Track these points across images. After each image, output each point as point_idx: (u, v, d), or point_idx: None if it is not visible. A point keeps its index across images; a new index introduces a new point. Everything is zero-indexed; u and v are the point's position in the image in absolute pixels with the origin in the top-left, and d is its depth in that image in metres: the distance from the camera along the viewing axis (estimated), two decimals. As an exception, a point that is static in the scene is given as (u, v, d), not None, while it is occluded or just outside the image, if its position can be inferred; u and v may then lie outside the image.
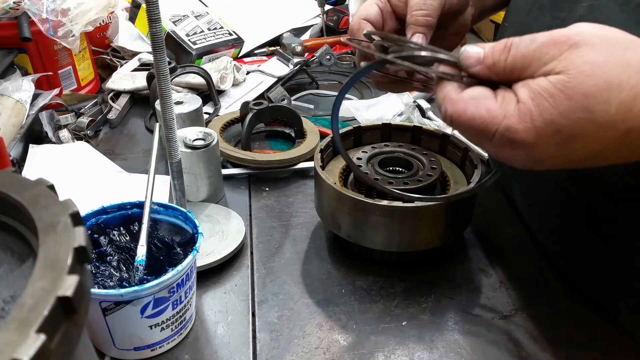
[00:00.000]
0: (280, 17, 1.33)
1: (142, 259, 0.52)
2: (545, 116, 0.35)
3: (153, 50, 0.54)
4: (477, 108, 0.38)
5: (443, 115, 0.40)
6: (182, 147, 0.69)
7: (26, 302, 0.21)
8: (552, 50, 0.36)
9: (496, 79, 0.39)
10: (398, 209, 0.55)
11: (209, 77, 0.97)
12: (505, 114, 0.37)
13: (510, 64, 0.37)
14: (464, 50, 0.40)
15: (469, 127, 0.39)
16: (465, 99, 0.39)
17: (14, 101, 0.83)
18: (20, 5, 0.89)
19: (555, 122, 0.35)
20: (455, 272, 0.62)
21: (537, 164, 0.38)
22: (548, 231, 0.63)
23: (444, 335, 0.54)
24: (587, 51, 0.35)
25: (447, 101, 0.40)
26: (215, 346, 0.53)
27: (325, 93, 1.08)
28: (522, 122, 0.36)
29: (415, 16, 0.53)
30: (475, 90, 0.39)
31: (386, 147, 0.66)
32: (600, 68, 0.34)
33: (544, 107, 0.35)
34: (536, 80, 0.36)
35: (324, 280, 0.61)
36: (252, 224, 0.71)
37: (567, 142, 0.36)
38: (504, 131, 0.37)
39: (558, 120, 0.35)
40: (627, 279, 0.53)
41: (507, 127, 0.37)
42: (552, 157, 0.37)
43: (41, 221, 0.26)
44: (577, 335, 0.54)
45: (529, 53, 0.37)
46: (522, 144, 0.37)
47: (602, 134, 0.35)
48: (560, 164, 0.38)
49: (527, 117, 0.36)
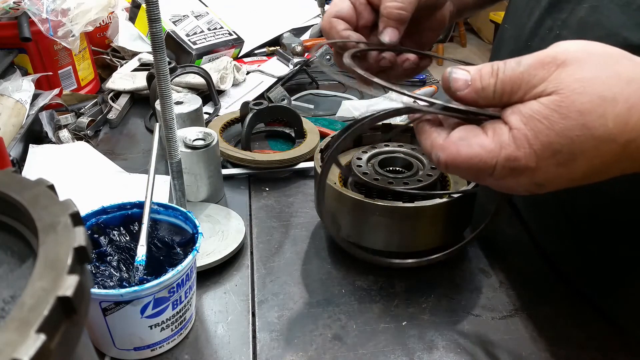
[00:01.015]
0: (280, 17, 1.33)
1: (142, 259, 0.52)
2: (542, 138, 0.35)
3: (153, 50, 0.54)
4: (471, 147, 0.37)
5: (436, 163, 0.39)
6: (182, 147, 0.69)
7: (26, 302, 0.21)
8: (540, 72, 0.35)
9: (483, 103, 0.38)
10: (398, 209, 0.55)
11: (209, 77, 0.97)
12: (502, 145, 0.36)
13: (500, 88, 0.37)
14: (452, 72, 0.38)
15: (467, 168, 0.37)
16: (455, 142, 0.38)
17: (14, 101, 0.83)
18: (20, 5, 0.89)
19: (553, 143, 0.35)
20: (455, 272, 0.62)
21: (539, 187, 0.37)
22: (547, 232, 0.63)
23: (444, 335, 0.54)
24: (576, 69, 0.35)
25: (437, 148, 0.39)
26: (215, 346, 0.53)
27: (325, 93, 1.08)
28: (521, 149, 0.35)
29: (389, 9, 0.51)
30: (461, 131, 0.38)
31: (386, 147, 0.66)
32: (591, 84, 0.34)
33: (539, 129, 0.35)
34: (527, 105, 0.36)
35: (324, 280, 0.61)
36: (252, 224, 0.71)
37: (568, 161, 0.35)
38: (504, 162, 0.36)
39: (556, 140, 0.35)
40: (625, 281, 0.53)
41: (507, 157, 0.36)
42: (554, 178, 0.36)
43: (41, 221, 0.26)
44: (577, 335, 0.54)
45: (516, 76, 0.36)
46: (525, 170, 0.36)
47: (603, 148, 0.35)
48: (563, 183, 0.37)
49: (524, 142, 0.35)
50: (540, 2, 0.56)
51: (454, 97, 0.39)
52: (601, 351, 0.52)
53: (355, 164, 0.62)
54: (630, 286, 0.53)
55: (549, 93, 0.35)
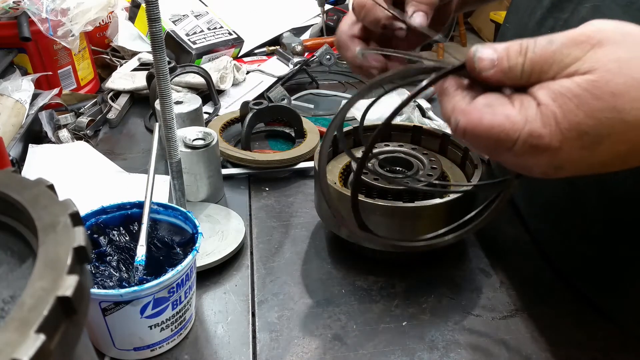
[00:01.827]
0: (280, 16, 1.33)
1: (141, 259, 0.52)
2: (570, 118, 0.33)
3: (153, 50, 0.54)
4: (495, 115, 0.35)
5: (454, 129, 0.37)
6: (182, 147, 0.69)
7: (26, 302, 0.21)
8: (575, 51, 0.34)
9: (510, 84, 0.36)
10: (398, 209, 0.55)
11: (209, 77, 0.97)
12: (527, 119, 0.34)
13: (529, 67, 0.35)
14: (477, 50, 0.36)
15: (487, 137, 0.35)
16: (479, 108, 0.35)
17: (14, 101, 0.83)
18: (19, 4, 0.89)
19: (581, 124, 0.33)
20: (455, 272, 0.62)
21: (557, 170, 0.36)
22: (548, 232, 0.63)
23: (444, 335, 0.54)
24: (613, 49, 0.33)
25: (458, 112, 0.36)
26: (215, 346, 0.53)
27: (325, 93, 1.08)
28: (547, 126, 0.34)
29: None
30: (489, 97, 0.36)
31: (386, 147, 0.66)
32: (628, 65, 0.32)
33: (569, 108, 0.33)
34: (558, 82, 0.34)
35: (324, 280, 0.61)
36: (252, 224, 0.70)
37: (594, 144, 0.34)
38: (527, 137, 0.34)
39: (585, 122, 0.33)
40: (625, 280, 0.53)
41: (530, 133, 0.34)
42: (575, 161, 0.35)
43: (41, 221, 0.26)
44: (577, 335, 0.54)
45: (548, 55, 0.34)
46: (547, 149, 0.34)
47: (630, 134, 0.33)
48: (581, 169, 0.36)
49: (551, 120, 0.33)
50: (542, 1, 0.56)
51: (479, 78, 0.36)
52: (601, 351, 0.52)
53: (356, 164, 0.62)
54: (630, 286, 0.53)
55: (584, 72, 0.33)
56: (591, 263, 0.56)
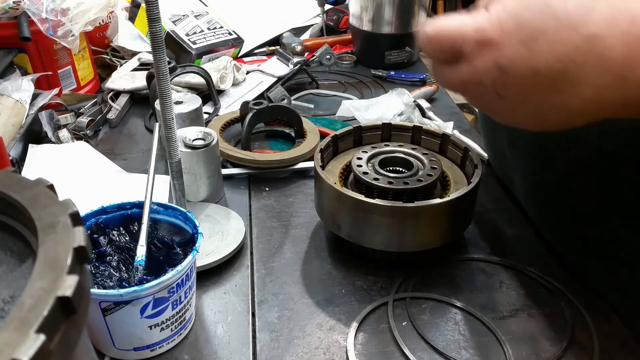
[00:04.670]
0: (280, 16, 1.33)
1: (141, 259, 0.52)
2: (509, 10, 0.37)
3: (153, 49, 0.54)
4: (451, 20, 0.39)
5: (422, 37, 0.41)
6: (182, 147, 0.69)
7: (26, 302, 0.21)
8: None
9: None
10: (398, 209, 0.55)
11: (209, 77, 0.97)
12: (475, 19, 0.38)
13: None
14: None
15: (444, 38, 0.39)
16: (442, 18, 0.40)
17: (14, 101, 0.83)
18: (19, 4, 0.89)
19: (517, 15, 0.36)
20: (455, 272, 0.62)
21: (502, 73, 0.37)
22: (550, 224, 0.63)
23: (444, 335, 0.54)
24: None
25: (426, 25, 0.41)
26: (215, 346, 0.53)
27: (325, 93, 1.08)
28: (489, 21, 0.37)
29: None
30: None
31: (386, 147, 0.66)
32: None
33: (508, 3, 0.37)
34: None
35: (324, 280, 0.61)
36: (252, 224, 0.70)
37: (530, 39, 0.36)
38: (473, 33, 0.38)
39: (521, 14, 0.36)
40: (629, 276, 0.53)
41: (476, 28, 0.38)
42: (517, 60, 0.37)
43: (41, 221, 0.26)
44: (577, 335, 0.54)
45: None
46: (489, 43, 0.37)
47: (563, 34, 0.35)
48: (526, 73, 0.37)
49: (494, 16, 0.37)
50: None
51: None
52: (601, 351, 0.52)
53: (356, 164, 0.62)
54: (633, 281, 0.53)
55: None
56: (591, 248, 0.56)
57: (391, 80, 1.13)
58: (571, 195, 0.57)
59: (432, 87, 1.05)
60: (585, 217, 0.56)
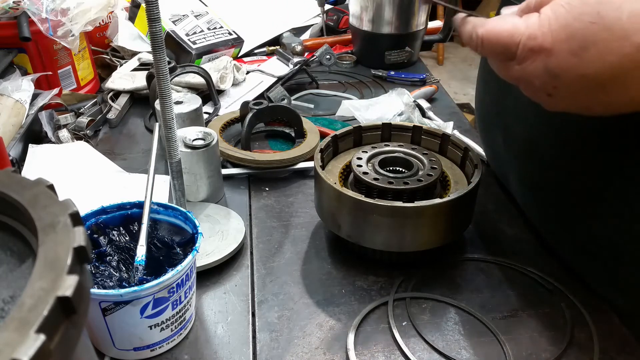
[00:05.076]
0: (280, 16, 1.33)
1: (141, 259, 0.52)
2: (560, 20, 0.37)
3: (153, 49, 0.54)
4: (505, 22, 0.41)
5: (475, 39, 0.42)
6: (182, 147, 0.69)
7: (26, 302, 0.21)
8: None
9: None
10: (398, 209, 0.55)
11: (209, 77, 0.97)
12: (528, 25, 0.39)
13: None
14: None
15: (497, 42, 0.41)
16: (494, 18, 0.42)
17: (14, 101, 0.83)
18: (19, 4, 0.89)
19: (569, 25, 0.37)
20: (455, 272, 0.62)
21: (553, 78, 0.39)
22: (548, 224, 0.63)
23: (444, 335, 0.54)
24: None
25: (478, 26, 0.42)
26: (215, 346, 0.53)
27: (325, 93, 1.08)
28: (541, 28, 0.38)
29: None
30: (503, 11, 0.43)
31: (386, 147, 0.66)
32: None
33: (560, 12, 0.38)
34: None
35: (324, 280, 0.61)
36: (252, 224, 0.70)
37: (581, 49, 0.36)
38: (526, 40, 0.39)
39: (572, 24, 0.37)
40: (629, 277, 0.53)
41: (529, 35, 0.39)
42: (567, 67, 0.38)
43: (41, 221, 0.26)
44: (577, 336, 0.54)
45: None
46: (541, 51, 0.38)
47: (614, 44, 0.35)
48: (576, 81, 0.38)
49: (545, 23, 0.38)
50: None
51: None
52: (601, 351, 0.52)
53: (356, 164, 0.62)
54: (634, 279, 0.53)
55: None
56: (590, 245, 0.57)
57: (391, 80, 1.13)
58: (566, 196, 0.57)
59: (432, 87, 1.05)
60: (581, 218, 0.56)
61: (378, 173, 0.61)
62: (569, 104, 0.41)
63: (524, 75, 0.41)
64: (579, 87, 0.38)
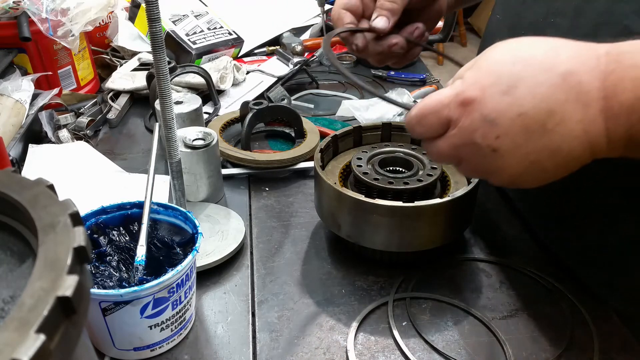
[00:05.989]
0: (280, 17, 1.33)
1: (141, 259, 0.52)
2: (483, 70, 0.39)
3: (153, 49, 0.54)
4: (431, 97, 0.42)
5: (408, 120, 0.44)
6: (182, 147, 0.69)
7: (26, 302, 0.21)
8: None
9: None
10: (398, 209, 0.55)
11: (209, 77, 0.97)
12: (454, 86, 0.41)
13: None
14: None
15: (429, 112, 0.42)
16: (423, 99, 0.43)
17: (14, 101, 0.83)
18: (19, 4, 0.89)
19: (493, 71, 0.39)
20: (455, 272, 0.62)
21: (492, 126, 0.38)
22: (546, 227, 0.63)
23: (444, 335, 0.54)
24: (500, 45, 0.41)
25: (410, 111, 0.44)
26: (215, 346, 0.53)
27: (325, 93, 1.08)
28: (465, 83, 0.40)
29: (382, 0, 0.57)
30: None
31: (386, 147, 0.66)
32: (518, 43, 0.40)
33: (481, 65, 0.40)
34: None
35: (324, 280, 0.61)
36: (252, 224, 0.70)
37: (510, 87, 0.37)
38: (455, 98, 0.40)
39: (495, 69, 0.39)
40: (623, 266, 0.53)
41: (457, 94, 0.40)
42: (503, 109, 0.38)
43: (41, 221, 0.26)
44: (577, 336, 0.54)
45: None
46: (471, 101, 0.39)
47: (541, 77, 0.37)
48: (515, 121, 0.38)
49: (469, 79, 0.40)
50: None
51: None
52: (601, 351, 0.52)
53: (355, 164, 0.62)
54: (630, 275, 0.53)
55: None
56: (589, 250, 0.57)
57: (391, 80, 1.13)
58: (563, 200, 0.57)
59: (432, 87, 1.05)
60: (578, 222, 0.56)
61: (378, 173, 0.61)
62: (518, 161, 0.39)
63: (463, 137, 0.40)
64: (520, 130, 0.37)
